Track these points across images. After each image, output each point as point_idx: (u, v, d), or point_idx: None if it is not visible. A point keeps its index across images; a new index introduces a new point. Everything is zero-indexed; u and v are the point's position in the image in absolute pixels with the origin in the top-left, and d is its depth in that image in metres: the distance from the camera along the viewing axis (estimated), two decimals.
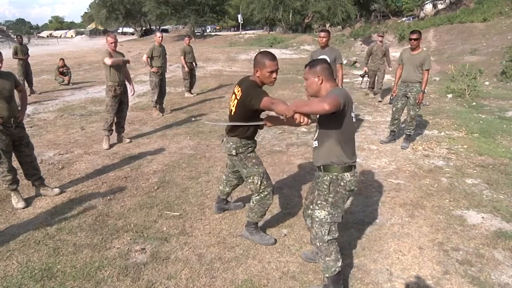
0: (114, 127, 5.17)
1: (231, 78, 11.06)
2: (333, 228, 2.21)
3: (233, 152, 2.64)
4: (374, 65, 8.27)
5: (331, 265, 2.21)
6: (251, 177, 2.67)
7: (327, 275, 2.24)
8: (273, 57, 2.47)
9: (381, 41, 8.21)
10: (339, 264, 2.23)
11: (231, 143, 2.65)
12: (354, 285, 2.40)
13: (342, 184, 2.14)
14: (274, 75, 2.47)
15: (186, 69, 8.47)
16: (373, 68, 8.32)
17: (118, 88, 4.98)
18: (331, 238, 2.21)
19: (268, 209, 2.80)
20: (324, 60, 2.23)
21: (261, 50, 2.63)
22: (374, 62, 8.23)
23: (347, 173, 2.13)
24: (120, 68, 4.99)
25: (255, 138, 2.76)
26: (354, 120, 2.16)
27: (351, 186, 2.17)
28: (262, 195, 2.69)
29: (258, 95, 2.39)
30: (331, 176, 2.15)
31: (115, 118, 5.12)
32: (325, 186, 2.17)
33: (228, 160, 2.93)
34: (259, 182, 2.65)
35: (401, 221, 3.15)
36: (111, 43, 4.89)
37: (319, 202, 2.21)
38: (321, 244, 2.22)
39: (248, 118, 2.53)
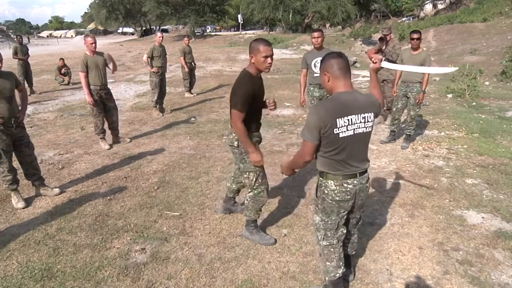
0: (106, 129, 5.11)
1: (231, 78, 11.05)
2: (329, 234, 2.13)
3: (235, 143, 2.62)
4: (380, 74, 6.19)
5: (331, 270, 2.17)
6: (247, 173, 2.66)
7: (327, 278, 2.21)
8: (267, 43, 2.46)
9: (387, 43, 5.99)
10: (340, 271, 2.17)
11: (233, 134, 2.61)
12: (354, 285, 2.40)
13: (326, 192, 2.02)
14: (269, 60, 2.45)
15: (186, 69, 8.47)
16: (381, 77, 5.95)
17: (100, 91, 4.87)
18: (328, 243, 2.14)
19: (263, 206, 2.79)
20: (339, 55, 1.95)
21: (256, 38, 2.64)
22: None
23: (331, 181, 1.99)
24: (101, 70, 4.81)
25: (260, 132, 2.74)
26: (350, 133, 1.88)
27: (335, 197, 2.00)
28: (256, 192, 2.69)
29: (236, 98, 2.43)
30: (319, 181, 2.09)
31: (105, 121, 5.05)
32: (314, 191, 2.15)
33: (232, 155, 2.93)
34: (254, 179, 2.65)
35: (401, 221, 3.15)
36: (91, 43, 4.69)
37: (314, 206, 2.18)
38: (321, 248, 2.18)
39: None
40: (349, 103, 1.89)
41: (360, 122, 1.90)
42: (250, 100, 2.45)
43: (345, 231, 2.20)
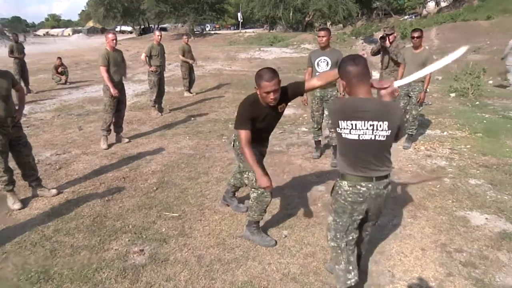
0: (112, 127, 5.11)
1: (231, 77, 11.00)
2: (338, 236, 2.10)
3: (232, 143, 2.77)
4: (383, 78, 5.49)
5: (340, 274, 2.09)
6: (246, 173, 2.68)
7: (338, 287, 2.14)
8: (270, 77, 2.29)
9: (391, 43, 5.31)
10: (350, 277, 2.07)
11: (234, 133, 2.73)
12: None
13: (339, 192, 2.03)
14: (271, 95, 2.33)
15: (191, 61, 8.38)
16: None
17: (116, 87, 4.90)
18: (335, 245, 2.11)
19: (267, 206, 2.75)
20: (354, 61, 1.91)
21: (265, 67, 2.47)
22: (383, 73, 5.56)
23: (345, 182, 2.00)
24: (117, 68, 4.93)
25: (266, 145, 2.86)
26: (354, 137, 1.89)
27: (348, 198, 1.99)
28: (259, 192, 2.65)
29: (239, 121, 2.46)
30: (336, 182, 2.11)
31: (113, 118, 5.06)
32: (330, 191, 2.18)
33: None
34: (253, 179, 2.62)
35: (403, 222, 3.11)
36: (112, 40, 4.88)
37: (330, 206, 2.20)
38: (330, 250, 2.20)
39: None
40: (357, 109, 1.89)
41: (367, 129, 1.87)
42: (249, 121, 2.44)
43: (356, 237, 2.13)
